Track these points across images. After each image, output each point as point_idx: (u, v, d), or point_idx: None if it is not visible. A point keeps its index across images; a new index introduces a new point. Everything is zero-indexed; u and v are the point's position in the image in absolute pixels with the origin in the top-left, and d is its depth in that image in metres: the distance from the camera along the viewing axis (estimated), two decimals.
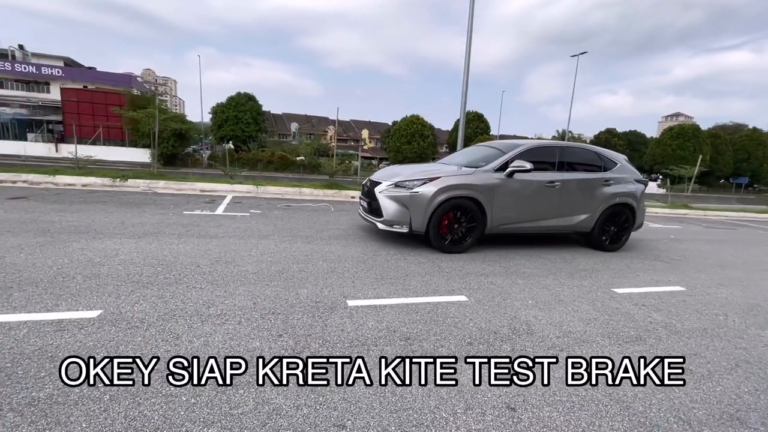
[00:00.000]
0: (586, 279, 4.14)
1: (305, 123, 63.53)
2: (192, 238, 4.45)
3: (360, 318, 2.72)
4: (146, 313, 2.53)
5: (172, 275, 3.24)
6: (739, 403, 2.08)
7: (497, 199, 4.77)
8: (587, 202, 5.35)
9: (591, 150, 5.70)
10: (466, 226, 4.74)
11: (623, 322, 3.04)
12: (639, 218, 5.78)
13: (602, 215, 5.44)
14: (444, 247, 4.67)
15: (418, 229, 4.58)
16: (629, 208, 5.62)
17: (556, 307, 3.24)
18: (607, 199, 5.43)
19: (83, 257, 3.50)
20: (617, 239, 5.66)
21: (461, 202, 4.64)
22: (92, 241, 4.02)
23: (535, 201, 5.04)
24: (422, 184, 4.55)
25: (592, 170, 5.50)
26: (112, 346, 2.11)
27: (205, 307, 2.69)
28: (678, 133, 46.12)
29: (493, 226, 4.85)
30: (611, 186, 5.48)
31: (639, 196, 5.69)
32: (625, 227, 5.66)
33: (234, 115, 40.84)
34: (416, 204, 4.51)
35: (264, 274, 3.45)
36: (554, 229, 5.31)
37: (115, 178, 7.82)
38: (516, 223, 5.03)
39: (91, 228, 4.52)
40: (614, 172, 5.59)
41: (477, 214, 4.72)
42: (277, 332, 2.42)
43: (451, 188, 4.56)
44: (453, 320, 2.82)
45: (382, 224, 4.70)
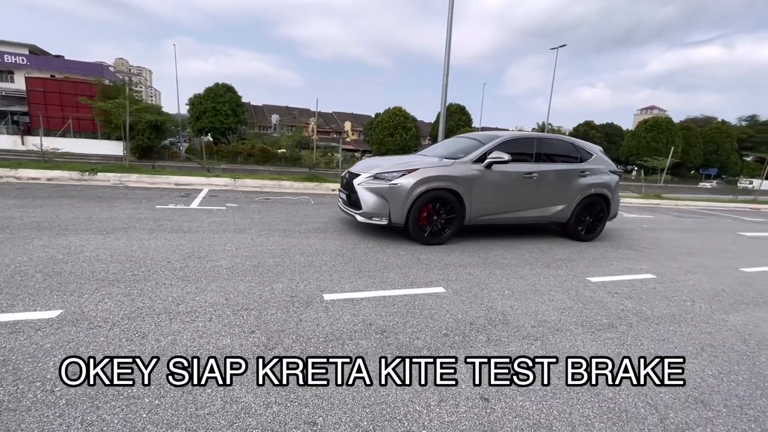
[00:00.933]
0: (561, 268, 4.21)
1: (286, 115, 62.46)
2: (164, 233, 4.30)
3: (336, 312, 2.68)
4: (111, 312, 2.42)
5: (141, 272, 3.12)
6: (703, 386, 2.15)
7: (476, 191, 4.79)
8: (564, 192, 5.43)
9: (567, 141, 5.78)
10: (445, 217, 4.74)
11: (596, 311, 3.10)
12: (613, 208, 5.91)
13: (578, 206, 5.54)
14: (423, 239, 4.66)
15: (398, 222, 4.56)
16: (604, 198, 5.74)
17: (531, 297, 3.28)
18: (583, 189, 5.52)
19: (45, 255, 3.32)
20: (593, 229, 5.78)
21: (440, 194, 4.63)
22: (56, 237, 3.83)
23: (513, 192, 5.08)
24: (401, 176, 4.52)
25: (568, 161, 5.58)
26: (72, 347, 2.00)
27: (174, 304, 2.60)
28: (652, 126, 47.55)
29: (472, 217, 4.88)
30: (587, 177, 5.58)
31: (614, 187, 5.82)
32: (600, 217, 5.78)
33: (212, 107, 39.78)
34: (395, 196, 4.48)
35: (238, 269, 3.36)
36: (532, 219, 5.38)
37: (84, 172, 7.47)
38: (495, 215, 5.06)
39: (55, 224, 4.31)
40: (590, 164, 5.69)
41: (456, 206, 4.72)
42: (250, 328, 2.36)
43: (429, 180, 4.55)
44: (430, 312, 2.81)
45: (361, 217, 4.66)
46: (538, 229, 6.35)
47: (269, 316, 2.53)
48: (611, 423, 1.79)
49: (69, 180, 7.39)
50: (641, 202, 13.51)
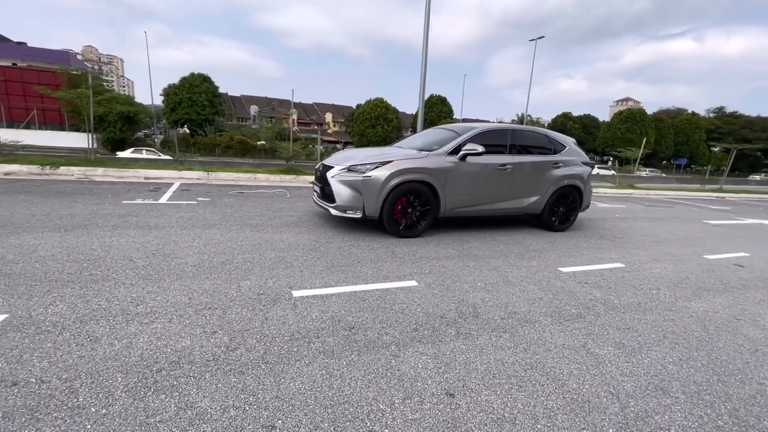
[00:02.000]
0: (534, 259, 4.25)
1: (266, 106, 61.14)
2: (128, 230, 4.12)
3: (304, 309, 2.62)
4: (62, 315, 2.29)
5: (100, 271, 2.97)
6: (663, 374, 2.20)
7: (450, 183, 4.77)
8: (538, 184, 5.49)
9: (541, 133, 5.83)
10: (420, 210, 4.71)
11: (566, 301, 3.14)
12: (586, 199, 6.02)
13: (552, 197, 5.61)
14: (398, 231, 4.64)
15: (372, 214, 4.50)
16: (577, 189, 5.83)
17: (503, 289, 3.29)
18: (557, 181, 5.59)
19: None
20: (566, 219, 5.87)
21: (415, 186, 4.60)
22: (7, 236, 3.61)
23: (487, 184, 5.09)
24: (375, 168, 4.46)
25: (542, 153, 5.63)
26: (14, 355, 1.88)
27: (133, 305, 2.48)
28: (627, 117, 48.81)
29: (447, 209, 4.87)
30: (560, 168, 5.64)
31: (586, 178, 5.92)
32: (573, 208, 5.88)
33: (188, 98, 38.52)
34: (369, 188, 4.42)
35: (204, 267, 3.24)
36: (506, 211, 5.42)
37: (45, 166, 7.08)
38: (469, 207, 5.07)
39: (8, 221, 4.06)
40: (563, 155, 5.76)
41: (430, 198, 4.70)
42: (212, 329, 2.27)
43: (404, 172, 4.50)
44: (401, 306, 2.78)
45: (335, 210, 4.59)
46: (514, 221, 6.41)
47: (234, 315, 2.45)
48: (574, 414, 1.81)
49: (28, 174, 6.99)
50: (615, 192, 13.88)
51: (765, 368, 2.36)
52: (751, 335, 2.81)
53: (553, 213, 5.74)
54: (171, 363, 1.92)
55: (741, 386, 2.14)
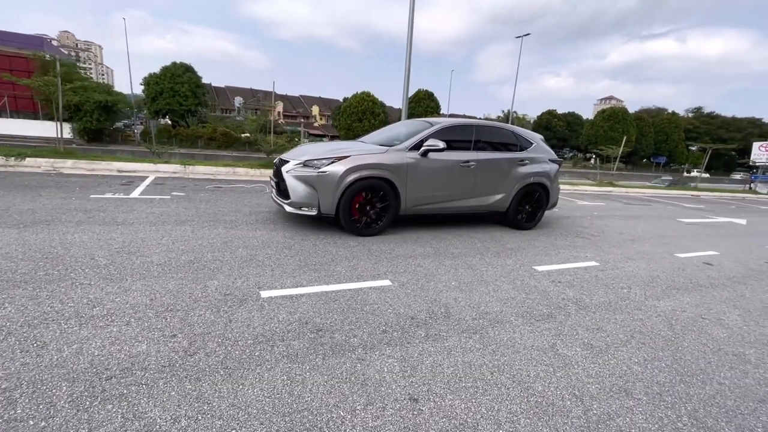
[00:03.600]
0: (510, 258, 4.27)
1: (251, 98, 59.99)
2: (93, 226, 3.95)
3: (271, 311, 2.55)
4: (8, 318, 2.16)
5: (57, 271, 2.83)
6: (628, 375, 2.22)
7: (411, 179, 4.64)
8: (503, 181, 5.40)
9: (507, 129, 5.73)
10: (379, 207, 4.57)
11: (538, 300, 3.14)
12: (553, 197, 5.97)
13: (517, 195, 5.53)
14: (355, 229, 4.48)
15: (327, 212, 4.34)
16: (543, 187, 5.77)
17: (477, 288, 3.28)
18: (522, 178, 5.51)
19: None
20: (532, 218, 5.82)
21: (373, 183, 4.43)
22: None
23: (450, 181, 4.97)
24: (330, 164, 4.28)
25: (508, 150, 5.53)
26: None
27: (89, 307, 2.36)
28: (609, 116, 49.70)
29: (407, 207, 4.74)
30: (526, 166, 5.57)
31: (553, 176, 5.86)
32: (539, 206, 5.83)
33: (170, 87, 37.46)
34: (324, 184, 4.25)
35: (171, 265, 3.13)
36: (471, 209, 5.31)
37: (9, 157, 6.75)
38: (431, 204, 4.94)
39: None
40: (530, 152, 5.68)
41: (390, 195, 4.55)
42: (171, 332, 2.18)
43: (361, 168, 4.34)
44: (372, 307, 2.74)
45: (290, 206, 4.39)
46: (494, 218, 6.43)
47: (196, 318, 2.36)
48: (537, 418, 1.80)
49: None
50: (595, 189, 14.11)
51: (725, 368, 2.41)
52: (714, 334, 2.86)
53: (518, 211, 5.67)
54: (123, 370, 1.83)
55: (702, 386, 2.18)
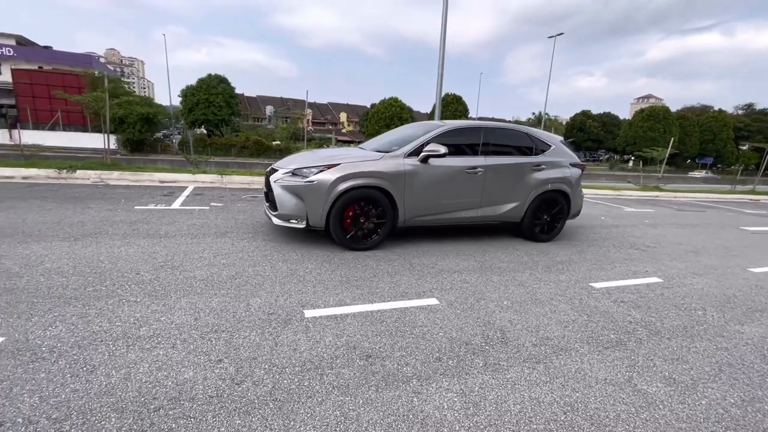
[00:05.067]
0: (563, 273, 3.96)
1: (281, 106, 61.59)
2: (138, 239, 4.01)
3: (317, 332, 2.42)
4: (60, 338, 2.14)
5: (104, 287, 2.83)
6: (726, 420, 1.91)
7: (410, 188, 4.24)
8: (516, 189, 4.89)
9: (521, 131, 5.18)
10: (375, 219, 4.20)
11: (602, 323, 2.85)
12: (575, 205, 5.38)
13: (533, 203, 5.00)
14: (348, 243, 4.13)
15: (316, 224, 4.03)
16: (563, 194, 5.19)
17: (532, 308, 3.03)
18: (538, 185, 4.98)
19: (2, 266, 3.03)
20: (550, 229, 5.26)
21: (366, 192, 4.07)
22: (16, 246, 3.53)
23: (454, 189, 4.52)
24: (319, 172, 3.96)
25: (521, 154, 5.01)
26: (4, 388, 1.73)
27: (135, 327, 2.32)
28: (649, 115, 47.29)
29: (406, 218, 4.35)
30: (543, 171, 5.03)
31: (574, 182, 5.26)
32: (559, 216, 5.26)
33: (205, 98, 39.12)
34: (312, 195, 3.93)
35: (213, 281, 3.08)
36: (479, 220, 4.82)
37: (62, 169, 7.11)
38: (433, 215, 4.51)
39: (19, 230, 4.00)
40: (547, 156, 5.15)
41: (386, 205, 4.17)
42: (217, 356, 2.09)
43: (352, 176, 3.99)
44: (421, 330, 2.55)
45: (277, 219, 4.12)
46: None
47: (241, 340, 2.27)
48: None
49: (45, 178, 7.03)
50: (640, 194, 13.29)
51: None
52: None
53: (535, 221, 5.12)
54: (171, 399, 1.75)
55: None
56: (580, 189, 5.48)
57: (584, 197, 5.96)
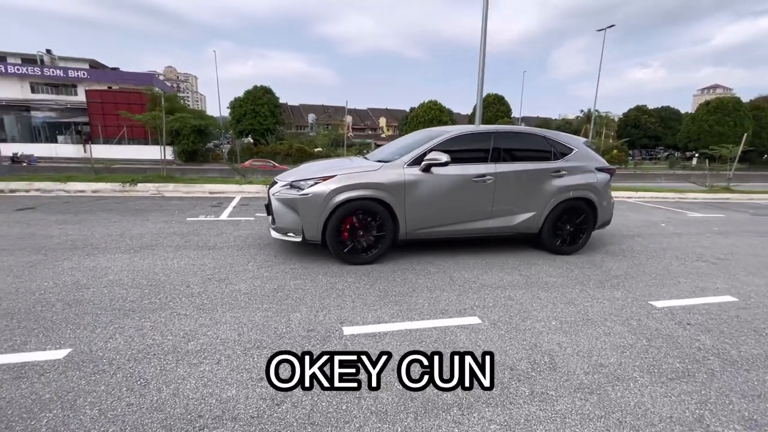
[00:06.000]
0: (618, 289, 3.67)
1: (322, 113, 63.33)
2: (189, 251, 4.24)
3: None
4: (118, 351, 2.29)
5: (158, 299, 3.01)
6: None
7: (411, 199, 4.04)
8: (532, 198, 4.52)
9: (536, 134, 4.82)
10: (375, 231, 4.04)
11: (665, 350, 2.59)
12: (603, 214, 4.90)
13: (553, 213, 4.60)
14: (345, 257, 4.01)
15: (312, 238, 3.93)
16: (588, 203, 4.74)
17: (583, 330, 2.82)
18: (558, 193, 4.57)
19: (70, 279, 3.32)
20: (574, 240, 4.81)
21: (364, 204, 3.93)
22: (85, 258, 3.86)
23: (460, 199, 4.26)
24: (314, 185, 3.87)
25: (537, 159, 4.63)
26: (69, 399, 1.87)
27: (185, 341, 2.44)
28: (716, 108, 43.05)
29: (408, 231, 4.14)
30: (563, 177, 4.61)
31: (601, 188, 4.78)
32: (583, 226, 4.80)
33: (252, 109, 41.10)
34: (307, 207, 3.85)
35: (257, 294, 3.17)
36: (489, 231, 4.49)
37: (125, 183, 7.77)
38: (438, 227, 4.26)
39: (88, 242, 4.38)
40: (568, 160, 4.71)
41: (385, 218, 4.00)
42: (259, 374, 2.13)
43: (349, 188, 3.86)
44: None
45: (275, 232, 4.10)
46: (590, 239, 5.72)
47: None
48: None
49: (111, 192, 7.71)
50: (707, 196, 12.10)
51: None
52: None
53: (555, 233, 4.70)
54: (215, 418, 1.80)
55: None
56: (609, 196, 5.00)
57: (640, 202, 5.50)
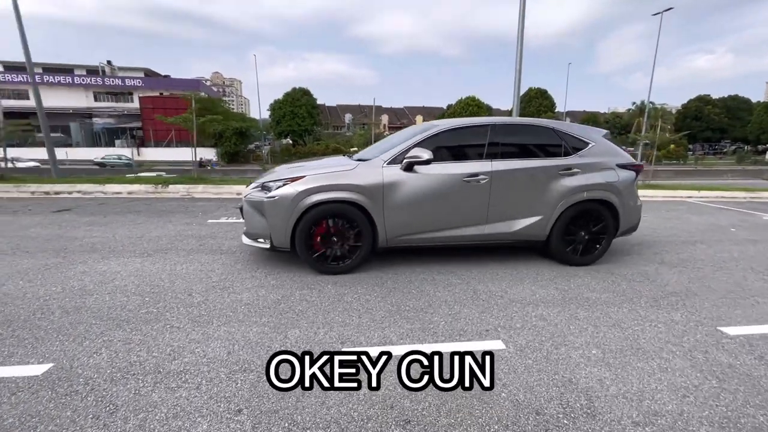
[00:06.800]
0: (677, 309, 3.08)
1: (359, 113, 63.69)
2: (202, 255, 4.13)
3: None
4: (99, 368, 2.13)
5: (156, 308, 2.87)
6: None
7: (391, 202, 3.61)
8: (536, 200, 3.93)
9: (543, 126, 4.16)
10: (353, 239, 3.66)
11: (744, 395, 2.04)
12: (628, 218, 4.18)
13: (563, 217, 3.98)
14: (317, 266, 3.65)
15: (281, 245, 3.59)
16: (607, 205, 4.06)
17: (632, 362, 2.32)
18: (570, 193, 3.94)
19: (78, 284, 3.28)
20: (589, 249, 4.13)
21: (337, 208, 3.56)
22: (99, 262, 3.85)
23: (449, 202, 3.77)
24: (282, 186, 3.54)
25: (544, 155, 4.04)
26: (30, 427, 1.70)
27: (169, 359, 2.24)
28: None
29: (389, 237, 3.71)
30: (576, 176, 3.97)
31: (623, 188, 4.08)
32: (601, 232, 4.12)
33: (290, 111, 42.05)
34: (273, 211, 3.52)
35: (258, 306, 2.95)
36: (485, 238, 3.93)
37: (158, 185, 8.00)
38: (423, 233, 3.80)
39: (107, 245, 4.41)
40: (582, 156, 4.06)
41: (362, 223, 3.60)
42: (237, 405, 1.87)
43: (319, 190, 3.50)
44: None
45: (245, 237, 3.83)
46: (645, 239, 5.03)
47: (267, 386, 2.03)
48: None
49: (145, 193, 7.95)
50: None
51: None
52: None
53: (566, 240, 4.07)
54: None
55: None
56: (634, 197, 4.27)
57: (702, 202, 4.73)
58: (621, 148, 4.35)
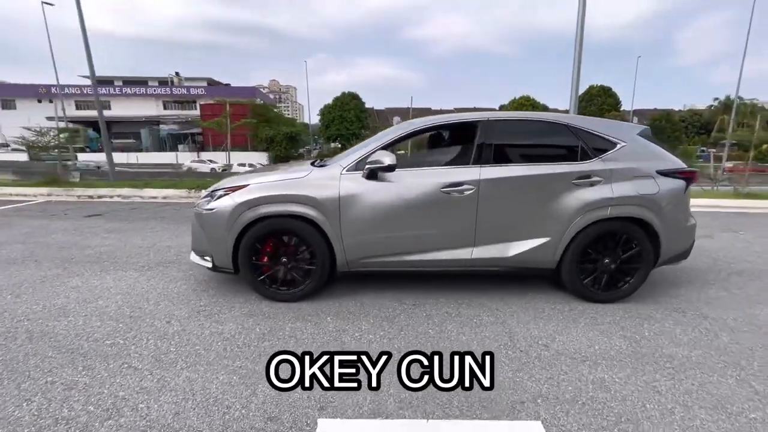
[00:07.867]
0: None
1: (407, 116, 63.32)
2: (202, 269, 3.71)
3: None
4: (19, 424, 1.73)
5: (124, 339, 2.48)
6: None
7: (350, 217, 2.93)
8: (541, 217, 3.04)
9: (555, 122, 3.20)
10: (308, 260, 3.04)
11: None
12: (672, 243, 3.11)
13: (577, 239, 3.03)
14: (264, 291, 3.07)
15: (223, 265, 3.06)
16: (642, 225, 3.04)
17: None
18: (586, 210, 2.98)
19: (62, 302, 3.01)
20: (617, 280, 3.13)
21: (286, 223, 2.97)
22: (95, 275, 3.61)
23: (424, 218, 3.01)
24: (223, 196, 3.02)
25: (555, 158, 3.14)
26: None
27: (103, 418, 1.79)
28: None
29: (349, 260, 3.03)
30: (597, 186, 3.00)
31: (666, 203, 3.04)
32: (634, 260, 3.08)
33: (339, 115, 42.69)
34: (211, 226, 3.01)
35: (237, 342, 2.46)
36: (472, 264, 3.09)
37: (191, 189, 8.01)
38: (392, 256, 3.07)
39: (113, 255, 4.21)
40: (607, 161, 3.06)
41: (316, 242, 2.96)
42: None
43: (263, 201, 2.92)
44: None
45: (192, 254, 3.30)
46: (715, 277, 3.91)
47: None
48: None
49: (178, 198, 7.98)
50: None
51: None
52: None
53: (584, 268, 3.10)
54: None
55: None
56: (684, 213, 3.19)
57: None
58: (665, 150, 3.26)
